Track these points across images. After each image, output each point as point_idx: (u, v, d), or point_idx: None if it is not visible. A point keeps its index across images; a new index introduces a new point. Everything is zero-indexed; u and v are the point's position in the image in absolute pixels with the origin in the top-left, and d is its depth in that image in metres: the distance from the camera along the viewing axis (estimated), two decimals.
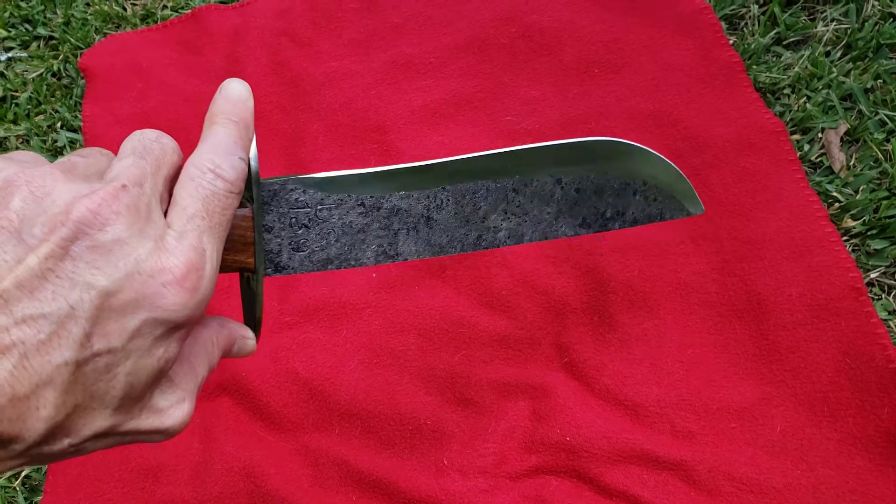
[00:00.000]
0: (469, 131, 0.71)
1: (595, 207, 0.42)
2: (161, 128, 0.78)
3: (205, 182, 0.29)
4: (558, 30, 0.74)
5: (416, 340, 0.61)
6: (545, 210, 0.41)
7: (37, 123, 0.79)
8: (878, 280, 0.59)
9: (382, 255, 0.38)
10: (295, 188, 0.35)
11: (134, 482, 0.58)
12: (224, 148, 0.31)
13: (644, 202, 0.44)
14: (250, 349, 0.35)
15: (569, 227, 0.42)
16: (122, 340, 0.26)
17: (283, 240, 0.35)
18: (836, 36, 0.71)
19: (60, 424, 0.25)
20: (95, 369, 0.25)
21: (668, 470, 0.54)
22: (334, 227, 0.36)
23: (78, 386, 0.25)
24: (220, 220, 0.29)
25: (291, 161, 0.72)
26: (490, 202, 0.40)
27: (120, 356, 0.26)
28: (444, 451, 0.57)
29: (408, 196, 0.38)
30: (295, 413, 0.59)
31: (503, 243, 0.41)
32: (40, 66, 0.83)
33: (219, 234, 0.29)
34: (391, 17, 0.79)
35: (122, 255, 0.26)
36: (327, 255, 0.37)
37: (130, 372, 0.26)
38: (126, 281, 0.25)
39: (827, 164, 0.64)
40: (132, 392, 0.27)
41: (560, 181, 0.41)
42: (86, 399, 0.26)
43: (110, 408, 0.27)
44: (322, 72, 0.76)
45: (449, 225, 0.39)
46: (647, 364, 0.58)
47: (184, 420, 0.30)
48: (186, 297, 0.27)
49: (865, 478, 0.52)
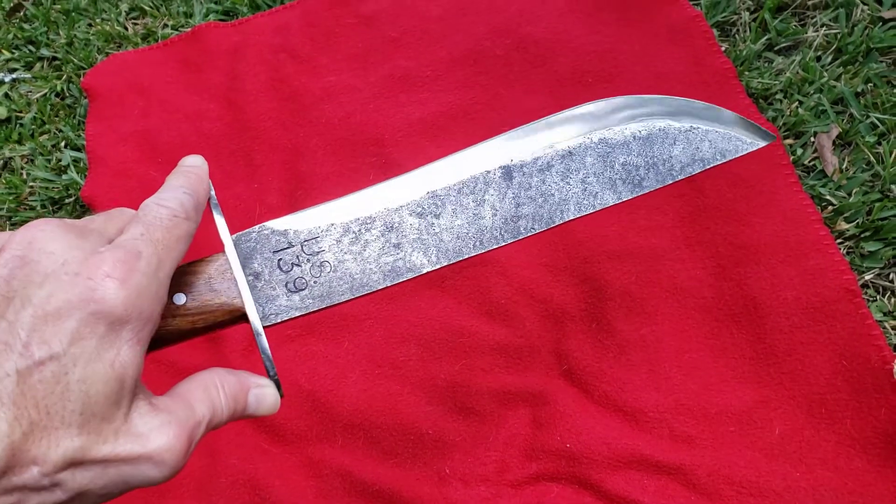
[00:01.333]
0: (466, 143, 0.71)
1: (629, 167, 0.37)
2: (163, 145, 0.79)
3: (148, 213, 0.31)
4: (552, 41, 0.75)
5: (417, 351, 0.62)
6: (567, 184, 0.36)
7: (41, 143, 0.80)
8: (872, 282, 0.60)
9: (392, 274, 0.35)
10: (273, 230, 0.35)
11: (139, 498, 0.59)
12: (169, 188, 0.33)
13: (695, 145, 0.38)
14: (272, 400, 0.34)
15: (612, 193, 0.37)
16: (63, 345, 0.26)
17: (277, 284, 0.35)
18: (827, 41, 0.72)
19: (19, 447, 0.25)
20: (42, 379, 0.25)
21: (667, 474, 0.54)
22: (327, 256, 0.35)
23: (27, 399, 0.25)
24: (164, 236, 0.30)
25: (291, 175, 0.73)
26: (494, 193, 0.36)
27: (66, 362, 0.26)
28: (447, 460, 0.57)
29: (396, 211, 0.36)
30: (298, 425, 0.60)
31: (528, 232, 0.36)
32: (44, 87, 0.84)
33: (161, 245, 0.30)
34: (388, 32, 0.80)
35: (50, 263, 0.27)
36: (329, 288, 0.35)
37: (82, 380, 0.26)
38: (54, 283, 0.26)
39: (820, 167, 0.65)
40: (93, 406, 0.26)
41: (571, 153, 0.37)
42: (41, 416, 0.25)
43: (74, 426, 0.26)
44: (321, 87, 0.77)
45: (455, 227, 0.36)
46: (645, 370, 0.59)
47: (169, 445, 0.28)
48: (116, 287, 0.27)
49: (864, 479, 0.52)
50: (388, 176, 0.70)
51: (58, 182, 0.78)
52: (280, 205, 0.72)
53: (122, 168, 0.76)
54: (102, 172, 0.76)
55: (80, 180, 0.77)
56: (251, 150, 0.75)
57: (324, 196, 0.71)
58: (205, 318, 0.33)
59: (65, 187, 0.77)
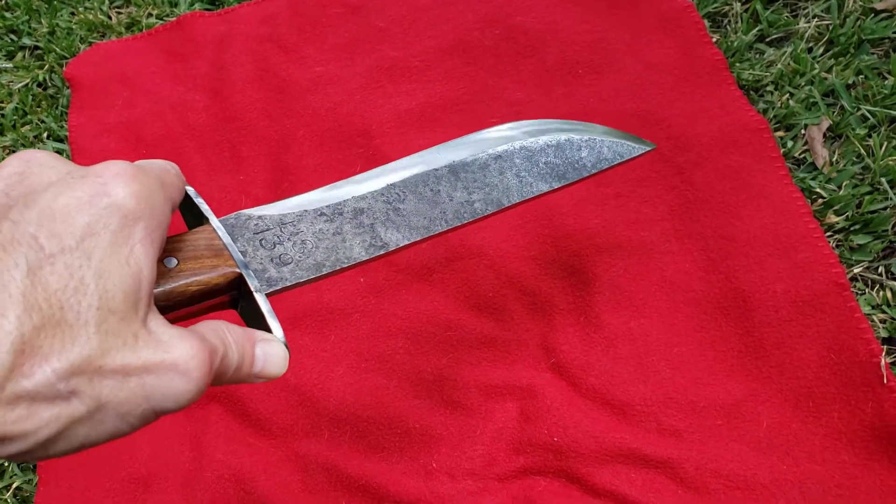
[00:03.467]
0: (455, 134, 0.71)
1: (555, 161, 0.44)
2: (148, 136, 0.78)
3: (138, 161, 0.31)
4: (542, 31, 0.75)
5: (403, 344, 0.61)
6: (503, 178, 0.42)
7: (23, 134, 0.79)
8: (861, 275, 0.60)
9: (372, 248, 0.38)
10: (250, 216, 0.36)
11: (125, 492, 0.58)
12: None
13: (591, 153, 0.46)
14: (281, 355, 0.32)
15: (542, 182, 0.43)
16: (75, 238, 0.24)
17: (263, 259, 0.35)
18: (818, 32, 0.71)
19: (30, 341, 0.22)
20: (55, 272, 0.24)
21: (655, 468, 0.54)
22: (307, 237, 0.37)
23: (39, 292, 0.23)
24: (159, 173, 0.30)
25: (278, 167, 0.72)
26: (445, 185, 0.40)
27: (79, 255, 0.24)
28: (433, 453, 0.57)
29: (362, 198, 0.38)
30: (284, 419, 0.60)
31: (484, 211, 0.41)
32: (25, 77, 0.83)
33: (157, 177, 0.30)
34: (375, 22, 0.79)
35: (53, 174, 0.27)
36: (316, 260, 0.36)
37: (98, 274, 0.24)
38: (61, 186, 0.26)
39: (810, 160, 0.65)
40: (110, 301, 0.24)
41: (500, 156, 0.42)
42: (55, 309, 0.23)
43: (91, 323, 0.24)
44: (307, 77, 0.77)
45: (420, 210, 0.39)
46: (633, 363, 0.58)
47: (194, 353, 0.26)
48: (127, 182, 0.27)
49: (850, 472, 0.52)
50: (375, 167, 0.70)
51: None
52: (266, 196, 0.71)
53: (106, 159, 0.74)
54: (85, 164, 0.74)
55: None
56: (237, 141, 0.74)
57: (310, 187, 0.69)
58: (199, 282, 0.32)
59: None
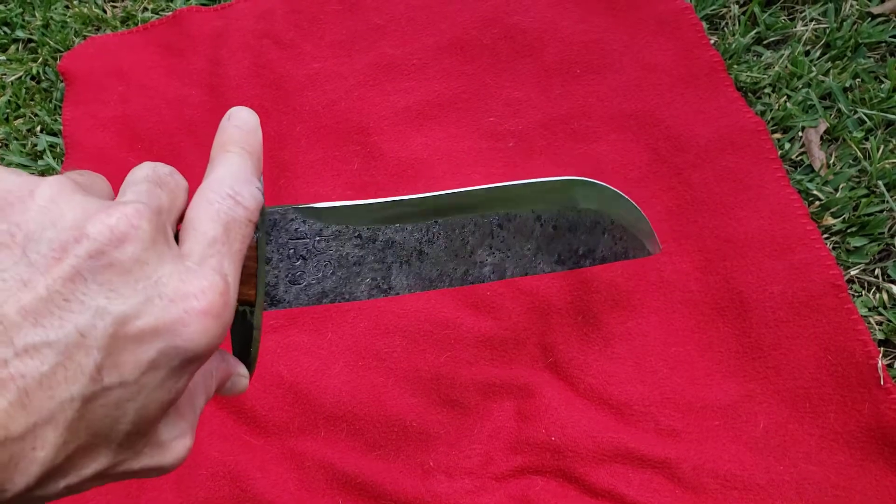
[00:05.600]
0: (452, 132, 0.71)
1: (569, 244, 0.46)
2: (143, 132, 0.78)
3: (225, 207, 0.27)
4: (540, 31, 0.75)
5: (401, 342, 0.61)
6: (526, 246, 0.44)
7: (16, 127, 0.78)
8: (857, 277, 0.60)
9: (375, 290, 0.38)
10: (295, 218, 0.35)
11: (119, 489, 0.58)
12: (242, 176, 0.29)
13: (611, 240, 0.48)
14: (242, 387, 0.33)
15: (546, 264, 0.45)
16: (136, 373, 0.23)
17: (281, 272, 0.35)
18: (816, 35, 0.71)
19: (59, 467, 0.22)
20: (105, 405, 0.22)
21: (652, 468, 0.54)
22: (331, 258, 0.36)
23: (83, 423, 0.22)
24: (240, 247, 0.27)
25: (275, 163, 0.72)
26: (477, 237, 0.41)
27: (132, 390, 0.23)
28: (430, 452, 0.57)
29: (402, 229, 0.38)
30: (280, 417, 0.59)
31: (487, 278, 0.43)
32: (19, 70, 0.82)
33: (238, 262, 0.27)
34: (373, 19, 0.79)
35: (142, 277, 0.23)
36: (322, 289, 0.36)
37: (141, 406, 0.24)
38: (145, 305, 0.23)
39: (807, 162, 0.65)
40: (139, 427, 0.24)
41: (539, 217, 0.44)
42: (89, 438, 0.23)
43: (114, 444, 0.24)
44: (304, 74, 0.76)
45: (439, 259, 0.40)
46: (630, 363, 0.58)
47: (184, 455, 0.27)
48: (211, 325, 0.24)
49: (847, 473, 0.52)
50: (372, 164, 0.70)
51: (33, 167, 0.76)
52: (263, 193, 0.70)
53: (100, 154, 0.74)
54: (79, 158, 0.74)
55: (56, 166, 0.75)
56: None
57: (308, 184, 0.70)
58: None
59: (41, 173, 0.75)
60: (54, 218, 0.23)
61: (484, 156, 0.69)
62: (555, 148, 0.68)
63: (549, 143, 0.69)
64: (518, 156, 0.69)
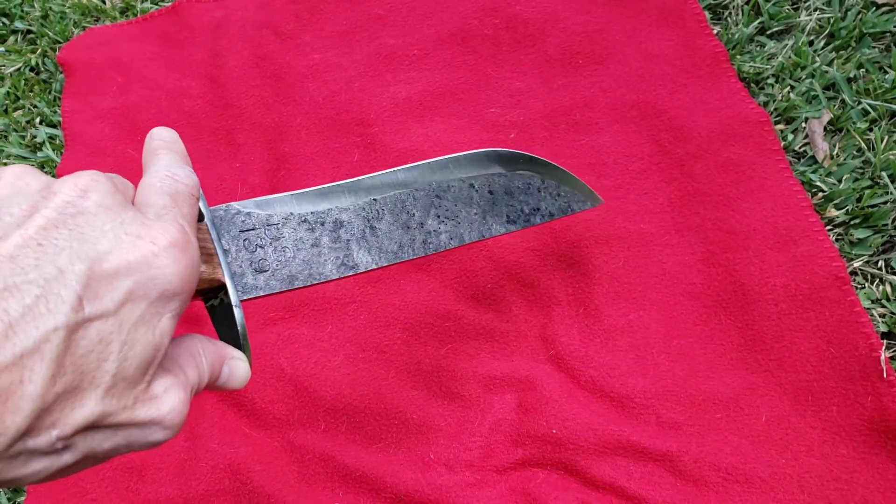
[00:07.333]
0: (454, 123, 0.71)
1: (512, 206, 0.48)
2: (143, 123, 0.77)
3: (167, 183, 0.30)
4: (542, 21, 0.74)
5: (401, 335, 0.61)
6: (472, 211, 0.46)
7: (15, 119, 0.78)
8: (861, 269, 0.60)
9: (343, 267, 0.40)
10: (239, 211, 0.37)
11: (118, 481, 0.58)
12: (175, 164, 0.32)
13: (550, 197, 0.50)
14: (243, 372, 0.34)
15: (499, 225, 0.47)
16: (115, 303, 0.24)
17: (243, 262, 0.36)
18: (820, 25, 0.71)
19: (47, 409, 0.23)
20: (87, 338, 0.24)
21: (654, 461, 0.54)
22: (287, 244, 0.38)
23: (68, 359, 0.23)
24: (189, 212, 0.30)
25: (274, 155, 0.71)
26: (420, 209, 0.44)
27: (114, 323, 0.24)
28: (431, 445, 0.57)
29: (345, 210, 0.40)
30: (280, 409, 0.59)
31: (447, 245, 0.45)
32: (18, 61, 0.82)
33: (190, 223, 0.30)
34: (374, 9, 0.78)
35: (108, 220, 0.26)
36: (290, 272, 0.38)
37: (124, 342, 0.25)
38: (115, 243, 0.25)
39: (810, 153, 0.65)
40: (125, 369, 0.25)
41: (473, 185, 0.46)
42: (76, 376, 0.24)
43: (101, 388, 0.25)
44: (305, 64, 0.76)
45: (392, 232, 0.42)
46: (632, 355, 0.58)
47: (179, 408, 0.28)
48: (179, 255, 0.27)
49: (849, 466, 0.52)
50: (372, 156, 0.69)
51: (32, 159, 0.76)
52: (262, 185, 0.70)
53: (100, 145, 0.74)
54: (79, 150, 0.74)
55: (55, 158, 0.75)
56: (233, 128, 0.73)
57: (307, 176, 0.69)
58: None
59: (40, 165, 0.75)
60: (22, 187, 0.26)
61: (485, 147, 0.69)
62: (556, 139, 0.68)
63: (551, 134, 0.68)
64: (519, 147, 0.68)
